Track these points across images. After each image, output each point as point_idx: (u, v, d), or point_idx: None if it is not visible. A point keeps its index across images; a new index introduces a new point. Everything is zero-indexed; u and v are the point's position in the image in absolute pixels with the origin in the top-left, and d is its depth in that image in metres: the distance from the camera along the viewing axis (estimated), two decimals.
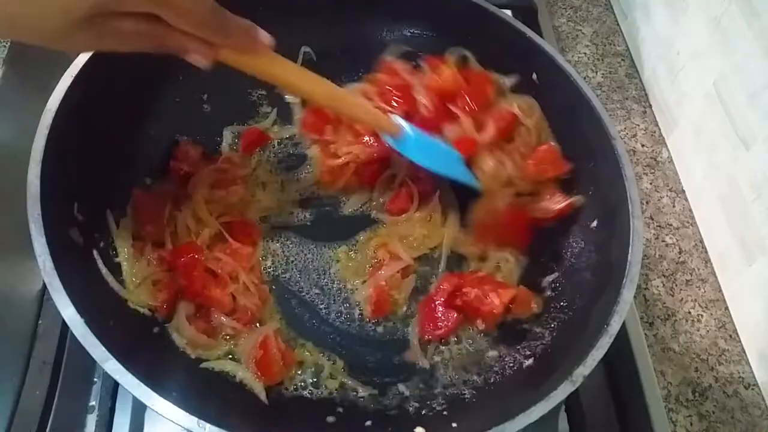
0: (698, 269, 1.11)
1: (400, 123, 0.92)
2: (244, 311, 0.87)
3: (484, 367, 0.88)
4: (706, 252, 1.13)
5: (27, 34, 0.56)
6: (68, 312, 0.67)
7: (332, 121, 1.06)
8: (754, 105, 1.00)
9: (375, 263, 0.98)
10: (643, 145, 1.27)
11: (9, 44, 1.17)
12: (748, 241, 1.01)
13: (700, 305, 1.07)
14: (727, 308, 1.07)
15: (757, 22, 0.99)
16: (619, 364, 0.93)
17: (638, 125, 1.31)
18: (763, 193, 0.97)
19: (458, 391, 0.85)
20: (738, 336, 1.04)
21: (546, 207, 0.96)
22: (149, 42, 0.62)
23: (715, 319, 1.06)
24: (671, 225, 1.16)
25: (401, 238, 1.00)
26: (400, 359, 0.90)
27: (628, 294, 0.76)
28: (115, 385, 0.85)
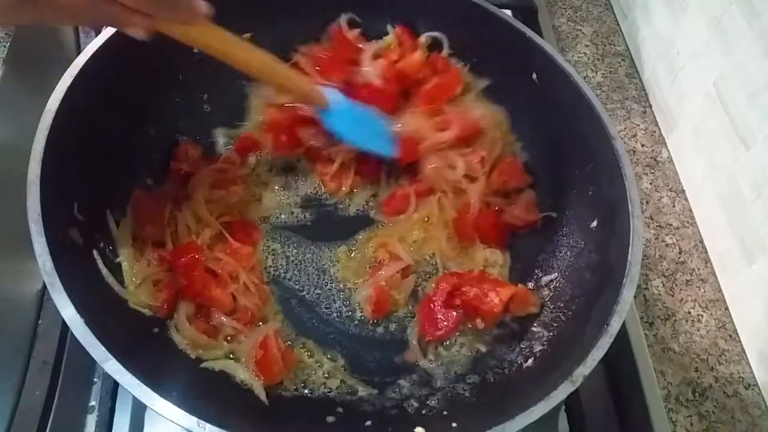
0: (698, 269, 1.11)
1: (328, 95, 0.94)
2: (245, 311, 0.88)
3: (484, 366, 0.88)
4: (706, 252, 1.13)
5: None
6: (68, 312, 0.67)
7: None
8: (754, 105, 1.00)
9: (375, 263, 0.98)
10: (643, 145, 1.27)
11: (9, 44, 1.17)
12: (748, 241, 1.01)
13: (700, 305, 1.07)
14: (727, 308, 1.07)
15: (757, 22, 0.99)
16: (619, 364, 0.93)
17: (638, 125, 1.30)
18: (763, 193, 0.97)
19: (458, 391, 0.85)
20: (738, 336, 1.04)
21: (518, 215, 1.00)
22: (88, 15, 0.63)
23: (715, 319, 1.06)
24: (671, 225, 1.16)
25: (400, 239, 1.00)
26: (399, 359, 0.90)
27: (628, 294, 0.76)
28: (115, 385, 0.86)
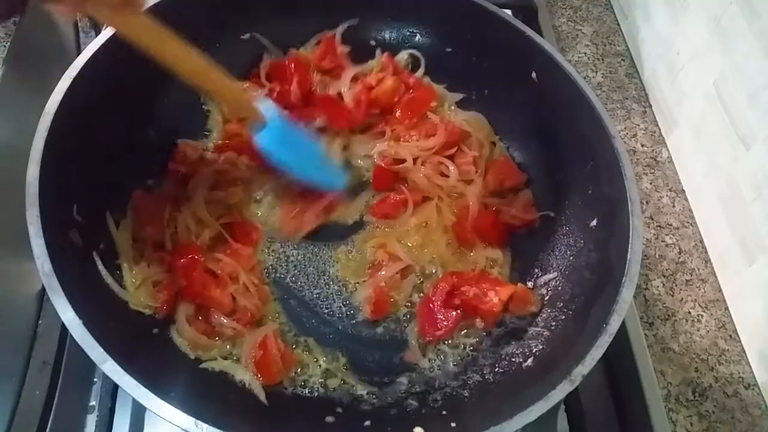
0: (698, 269, 1.11)
1: (265, 110, 0.87)
2: (244, 312, 0.88)
3: (483, 366, 0.88)
4: (706, 252, 1.13)
5: None
6: (66, 314, 0.67)
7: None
8: (754, 105, 1.00)
9: (374, 264, 0.98)
10: (643, 145, 1.27)
11: (9, 44, 1.17)
12: (748, 241, 1.01)
13: (700, 305, 1.07)
14: (727, 308, 1.07)
15: (757, 22, 0.99)
16: (619, 363, 0.93)
17: (638, 125, 1.30)
18: (763, 193, 0.97)
19: (457, 391, 0.85)
20: (738, 336, 1.04)
21: (516, 215, 1.01)
22: None
23: (715, 319, 1.05)
24: (671, 225, 1.16)
25: (399, 240, 1.00)
26: (399, 359, 0.90)
27: (627, 293, 0.76)
28: (115, 385, 0.85)
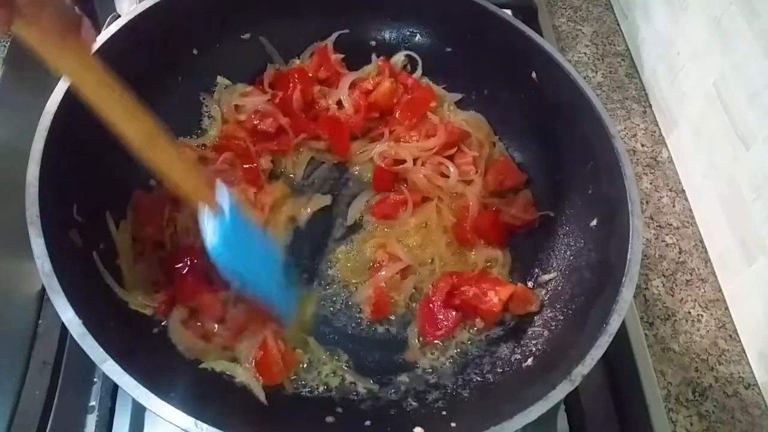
0: (698, 269, 1.11)
1: (222, 198, 0.74)
2: (234, 321, 0.86)
3: (483, 366, 0.88)
4: (706, 252, 1.13)
5: None
6: (67, 315, 0.67)
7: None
8: (754, 105, 0.99)
9: (374, 264, 0.98)
10: (643, 145, 1.27)
11: (9, 44, 1.17)
12: (748, 241, 1.01)
13: (700, 305, 1.07)
14: (727, 308, 1.07)
15: (757, 22, 0.99)
16: (619, 363, 0.93)
17: (638, 125, 1.30)
18: (763, 193, 0.97)
19: (457, 391, 0.85)
20: (738, 336, 1.04)
21: (516, 215, 1.01)
22: None
23: (715, 319, 1.05)
24: (671, 225, 1.16)
25: (398, 240, 1.00)
26: (399, 359, 0.90)
27: (627, 293, 0.76)
28: (115, 385, 0.85)
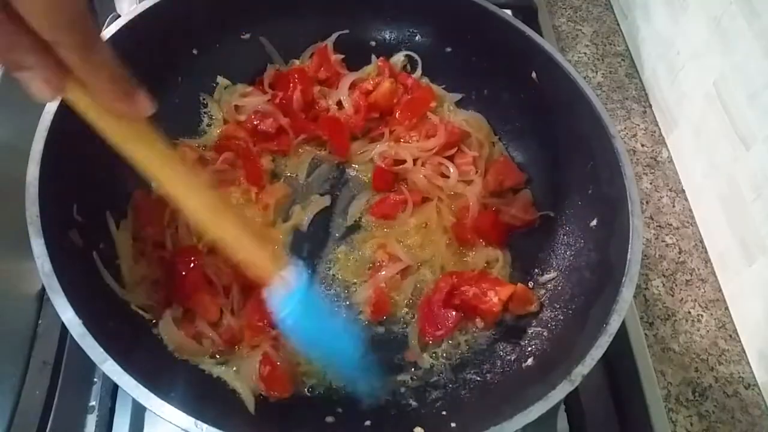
0: (698, 269, 1.11)
1: (292, 276, 0.70)
2: (228, 330, 0.85)
3: (483, 366, 0.88)
4: (706, 252, 1.13)
5: None
6: (67, 315, 0.67)
7: None
8: (754, 105, 0.99)
9: (374, 264, 0.98)
10: (643, 145, 1.27)
11: None
12: (748, 241, 1.01)
13: (700, 305, 1.07)
14: (727, 308, 1.07)
15: (757, 22, 0.99)
16: (619, 363, 0.93)
17: (638, 125, 1.30)
18: (763, 193, 0.97)
19: (457, 391, 0.85)
20: (738, 336, 1.04)
21: (515, 215, 1.01)
22: None
23: (715, 319, 1.05)
24: (671, 225, 1.16)
25: (398, 241, 0.99)
26: (399, 358, 0.90)
27: (627, 293, 0.76)
28: (116, 385, 0.85)
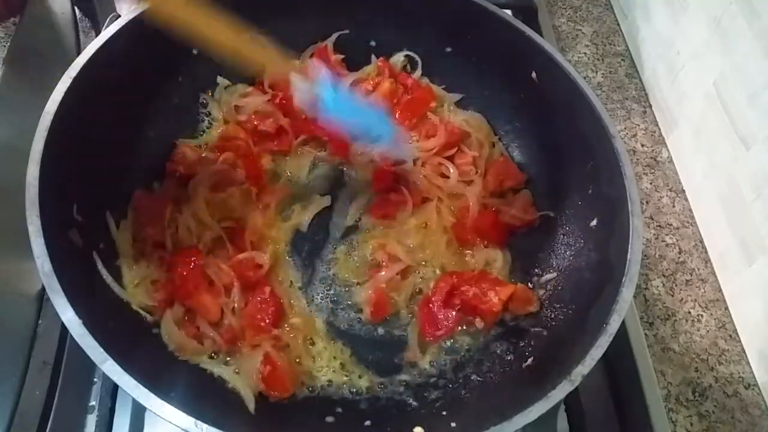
0: (698, 269, 1.11)
1: (320, 72, 0.87)
2: (229, 329, 0.86)
3: (483, 366, 0.88)
4: (706, 252, 1.13)
5: None
6: (67, 315, 0.67)
7: None
8: (754, 105, 0.99)
9: (374, 264, 0.98)
10: (643, 145, 1.27)
11: (9, 44, 1.17)
12: (748, 241, 1.01)
13: (700, 305, 1.07)
14: (727, 308, 1.07)
15: (757, 22, 0.99)
16: (619, 363, 0.93)
17: (638, 125, 1.30)
18: (763, 193, 0.97)
19: (457, 391, 0.85)
20: (738, 336, 1.04)
21: (515, 215, 1.01)
22: None
23: (715, 319, 1.05)
24: (671, 225, 1.16)
25: (398, 241, 0.99)
26: (399, 358, 0.90)
27: (627, 293, 0.76)
28: (115, 385, 0.85)
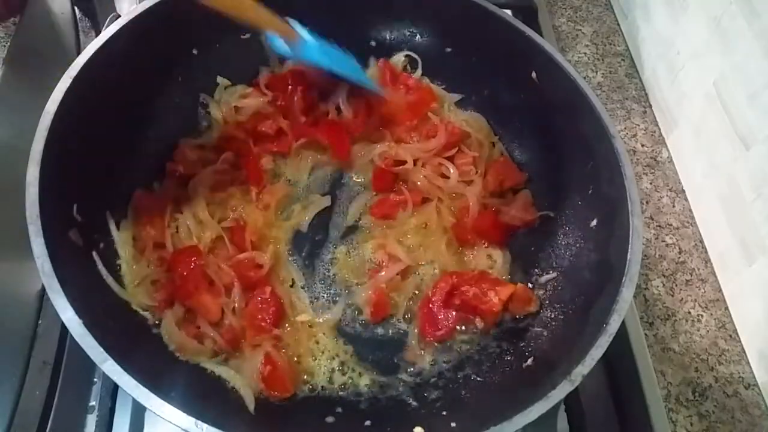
0: (698, 269, 1.11)
1: (297, 29, 0.96)
2: (229, 329, 0.86)
3: (483, 366, 0.88)
4: (706, 252, 1.13)
5: None
6: (67, 315, 0.67)
7: None
8: (754, 105, 0.99)
9: (374, 264, 0.98)
10: (643, 145, 1.27)
11: (9, 44, 1.17)
12: (748, 241, 1.01)
13: (700, 305, 1.07)
14: (727, 308, 1.07)
15: (757, 22, 0.99)
16: (619, 363, 0.93)
17: (638, 125, 1.30)
18: (763, 193, 0.97)
19: (457, 391, 0.85)
20: (738, 336, 1.04)
21: (515, 215, 1.01)
22: None
23: (715, 319, 1.05)
24: (671, 225, 1.16)
25: (398, 241, 0.99)
26: (399, 358, 0.90)
27: (627, 293, 0.76)
28: (115, 385, 0.85)
